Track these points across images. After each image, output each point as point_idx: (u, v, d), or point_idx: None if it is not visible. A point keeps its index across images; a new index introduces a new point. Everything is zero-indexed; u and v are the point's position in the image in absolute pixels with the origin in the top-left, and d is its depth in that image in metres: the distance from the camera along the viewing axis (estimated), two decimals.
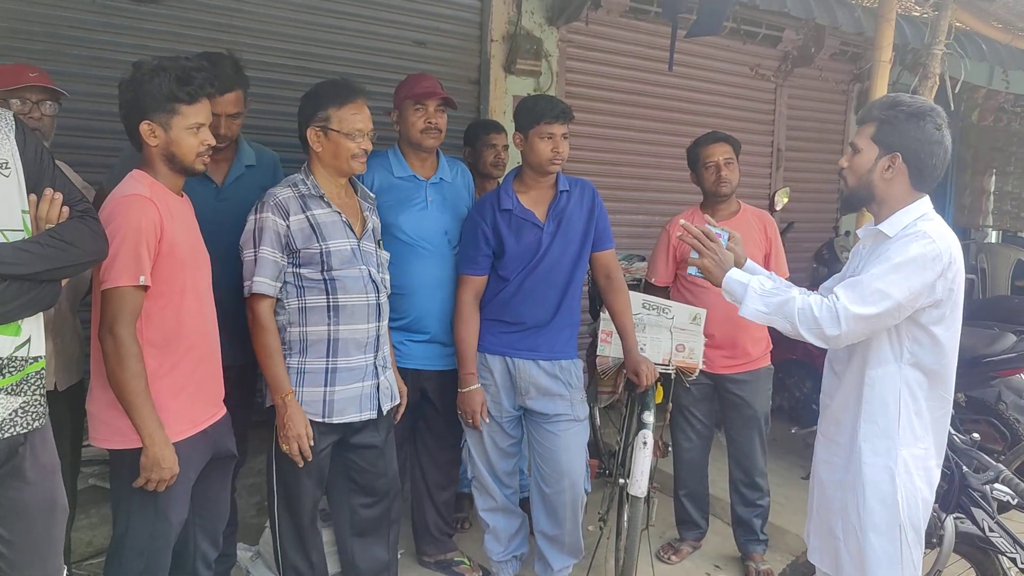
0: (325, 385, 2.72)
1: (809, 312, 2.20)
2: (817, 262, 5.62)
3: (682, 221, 2.48)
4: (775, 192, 4.91)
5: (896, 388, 2.26)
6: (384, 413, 2.87)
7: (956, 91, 3.64)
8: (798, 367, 4.95)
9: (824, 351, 4.65)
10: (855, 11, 5.27)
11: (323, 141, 2.70)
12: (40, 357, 1.99)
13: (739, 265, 2.49)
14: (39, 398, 1.99)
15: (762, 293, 2.29)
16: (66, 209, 2.04)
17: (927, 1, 3.60)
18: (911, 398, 2.27)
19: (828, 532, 2.43)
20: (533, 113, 3.00)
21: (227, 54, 2.92)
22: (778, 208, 4.97)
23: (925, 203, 2.29)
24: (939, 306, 2.21)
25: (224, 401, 2.62)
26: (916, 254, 2.15)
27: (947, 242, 2.20)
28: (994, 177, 7.74)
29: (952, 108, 4.41)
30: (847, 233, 5.66)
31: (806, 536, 2.62)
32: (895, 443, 2.27)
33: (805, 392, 4.97)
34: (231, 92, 2.85)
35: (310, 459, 2.70)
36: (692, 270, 2.49)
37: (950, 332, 2.26)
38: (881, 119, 2.27)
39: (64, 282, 2.11)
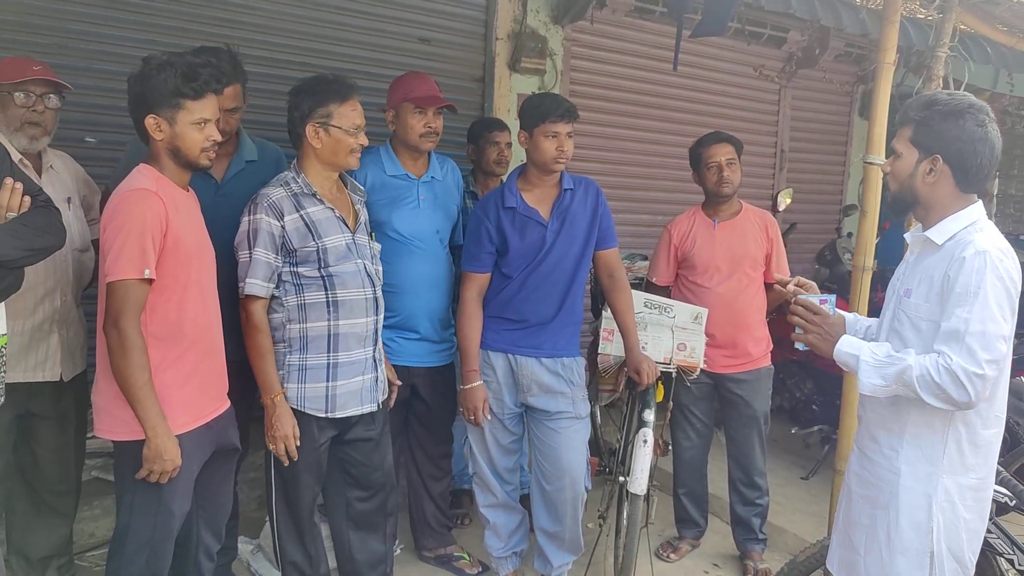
0: (327, 380, 2.74)
1: (929, 379, 2.02)
2: (819, 263, 5.62)
3: (790, 287, 2.40)
4: (778, 193, 4.92)
5: (947, 416, 2.14)
6: (380, 406, 2.89)
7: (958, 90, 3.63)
8: (799, 368, 4.96)
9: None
10: (860, 13, 5.26)
11: (323, 137, 2.70)
12: (3, 334, 2.12)
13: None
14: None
15: (876, 365, 2.11)
16: (27, 198, 2.14)
17: (932, 3, 3.59)
18: (965, 427, 2.15)
19: (849, 544, 2.37)
20: (539, 111, 3.01)
21: (225, 48, 2.93)
22: (781, 209, 4.97)
23: (976, 209, 2.19)
24: None
25: (228, 394, 2.63)
26: (995, 279, 2.03)
27: (1010, 253, 2.09)
28: (997, 180, 7.74)
29: None
30: (849, 234, 5.66)
31: (832, 545, 2.53)
32: (938, 470, 2.16)
33: (805, 393, 4.98)
34: (229, 87, 2.86)
35: (296, 459, 2.71)
36: (800, 345, 2.34)
37: (1008, 347, 2.10)
38: (917, 120, 2.17)
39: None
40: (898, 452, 2.22)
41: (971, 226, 2.14)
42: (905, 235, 2.42)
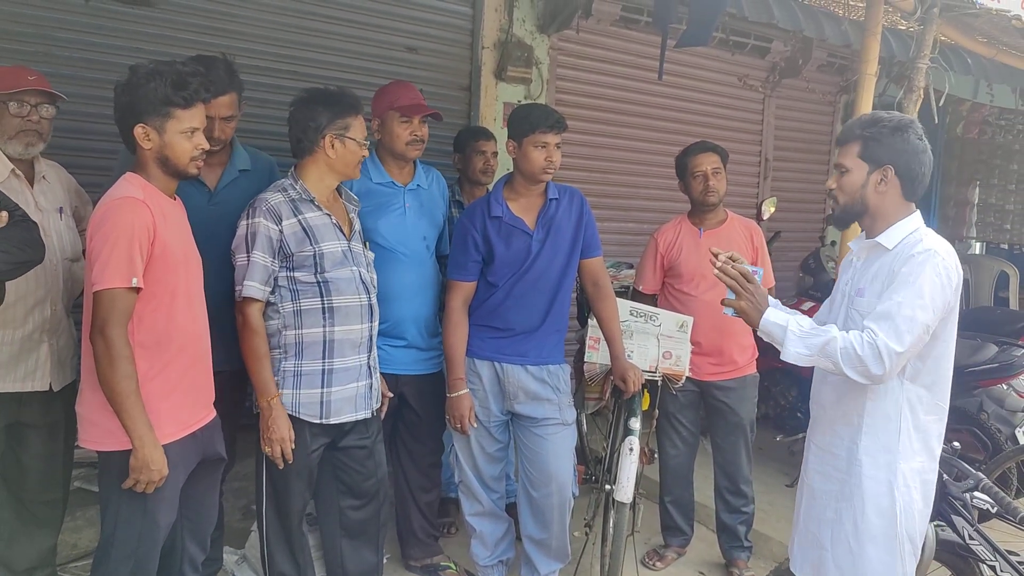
0: (322, 386, 2.75)
1: (852, 351, 2.17)
2: (803, 271, 5.67)
3: (722, 256, 2.40)
4: (762, 202, 4.96)
5: (898, 403, 2.29)
6: (374, 414, 2.90)
7: (940, 104, 3.69)
8: (783, 375, 4.99)
9: None
10: (842, 24, 5.32)
11: (339, 148, 2.74)
12: None
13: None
14: None
15: (802, 335, 2.24)
16: (4, 214, 2.18)
17: (913, 15, 3.65)
18: (911, 412, 2.30)
19: (814, 542, 2.45)
20: (528, 122, 3.03)
21: (221, 57, 2.94)
22: (765, 217, 5.01)
23: (917, 217, 2.36)
24: (943, 323, 2.25)
25: (215, 404, 2.63)
26: (933, 275, 2.18)
27: (952, 255, 2.25)
28: (978, 189, 7.82)
29: (936, 121, 4.46)
30: (833, 243, 5.72)
31: (790, 545, 2.63)
32: (896, 457, 2.29)
33: (790, 400, 5.01)
34: (225, 95, 2.87)
35: (291, 462, 2.72)
36: (728, 311, 2.41)
37: (949, 343, 2.31)
38: (865, 136, 2.32)
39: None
40: (857, 444, 2.35)
41: (916, 231, 2.32)
42: (850, 243, 2.57)
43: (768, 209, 4.89)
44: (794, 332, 2.24)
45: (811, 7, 5.16)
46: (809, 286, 5.44)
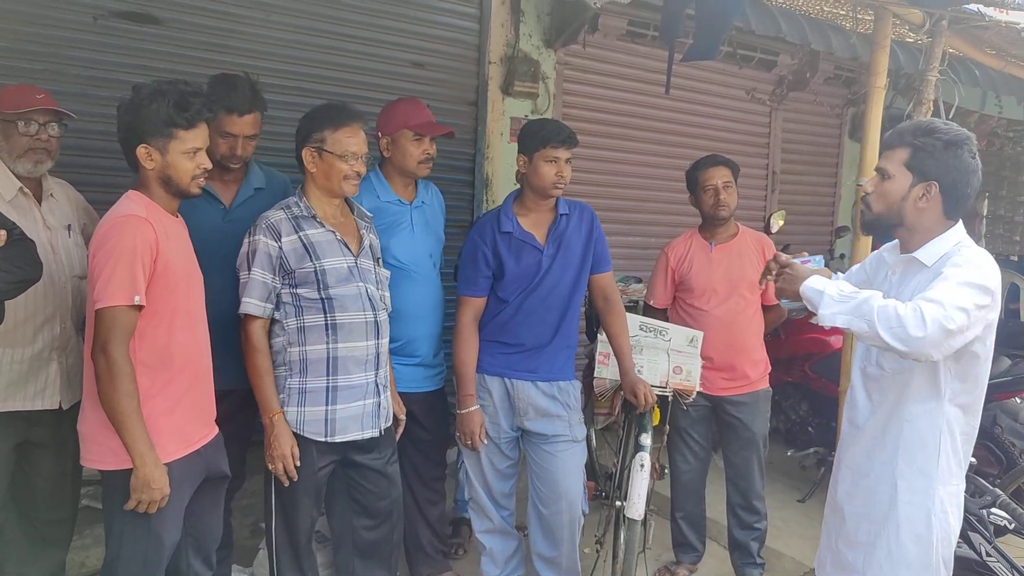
0: (326, 404, 2.73)
1: (892, 311, 2.01)
2: None
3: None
4: (771, 215, 4.93)
5: (937, 426, 2.21)
6: (382, 432, 2.87)
7: (950, 116, 3.68)
8: (794, 390, 4.96)
9: (819, 375, 4.65)
10: (850, 37, 5.31)
11: (317, 161, 2.73)
12: None
13: None
14: None
15: (839, 298, 2.12)
16: (3, 232, 2.20)
17: (922, 28, 3.64)
18: (950, 436, 2.22)
19: (845, 565, 2.38)
20: (539, 136, 3.02)
21: (244, 76, 2.96)
22: (774, 231, 4.97)
23: (960, 229, 2.24)
24: (982, 340, 2.16)
25: (227, 423, 2.62)
26: (976, 277, 2.07)
27: (996, 273, 2.14)
28: (987, 201, 7.79)
29: None
30: (842, 256, 5.68)
31: (819, 566, 2.56)
32: (933, 482, 2.21)
33: (801, 415, 4.97)
34: (250, 114, 2.91)
35: (296, 480, 2.70)
36: (784, 302, 2.41)
37: (985, 366, 2.22)
38: (916, 146, 2.19)
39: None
40: (894, 466, 2.26)
41: (958, 245, 2.20)
42: (883, 252, 2.45)
43: (776, 222, 4.86)
44: (831, 296, 2.13)
45: (818, 20, 5.15)
46: None
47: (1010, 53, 4.23)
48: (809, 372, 4.75)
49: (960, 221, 2.26)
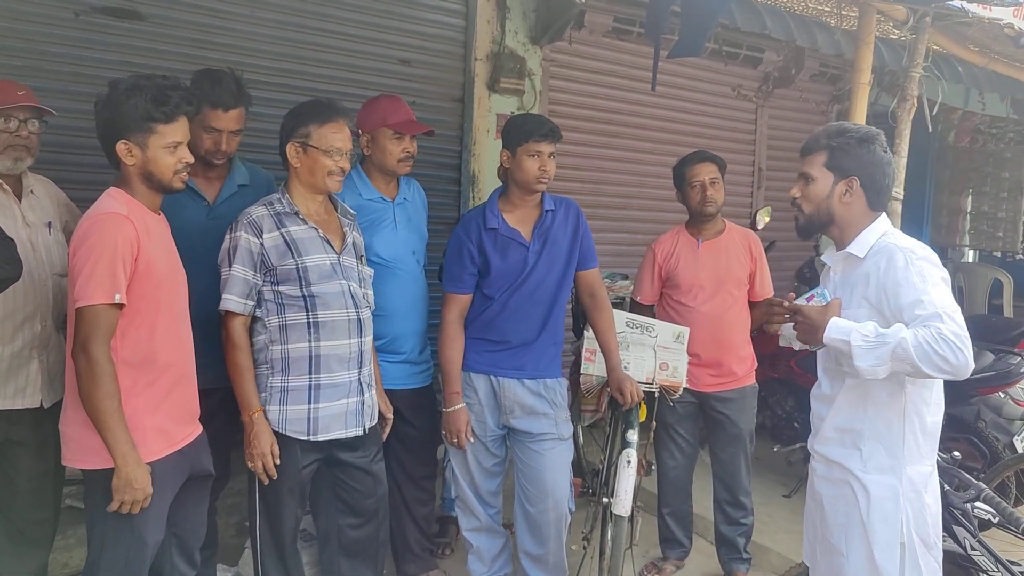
0: (309, 403, 2.71)
1: (926, 346, 2.06)
2: (799, 280, 5.64)
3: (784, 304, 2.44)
4: (757, 211, 4.93)
5: (900, 405, 2.28)
6: (367, 431, 2.85)
7: (934, 113, 3.70)
8: (780, 385, 4.96)
9: (804, 370, 4.66)
10: (834, 34, 5.33)
11: (301, 157, 2.71)
12: None
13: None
14: None
15: (868, 347, 2.14)
16: None
17: (905, 24, 3.65)
18: (916, 415, 2.28)
19: (833, 550, 2.43)
20: (522, 131, 3.01)
21: (229, 71, 2.94)
22: (760, 227, 4.97)
23: (885, 220, 2.38)
24: None
25: (211, 421, 2.60)
26: (930, 269, 2.19)
27: (927, 250, 2.27)
28: (970, 197, 7.84)
29: (931, 129, 4.47)
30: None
31: (808, 557, 2.61)
32: (900, 462, 2.28)
33: (787, 410, 4.98)
34: (235, 109, 2.89)
35: (276, 478, 2.68)
36: (795, 344, 2.44)
37: None
38: (832, 147, 2.35)
39: None
40: (860, 449, 2.33)
41: (885, 235, 2.33)
42: (822, 257, 2.59)
43: (763, 219, 4.86)
44: (860, 347, 2.16)
45: (803, 17, 5.17)
46: (804, 295, 5.41)
47: (993, 49, 4.25)
48: (795, 367, 4.76)
49: (884, 212, 2.40)
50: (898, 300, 2.18)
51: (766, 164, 6.84)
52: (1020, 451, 3.93)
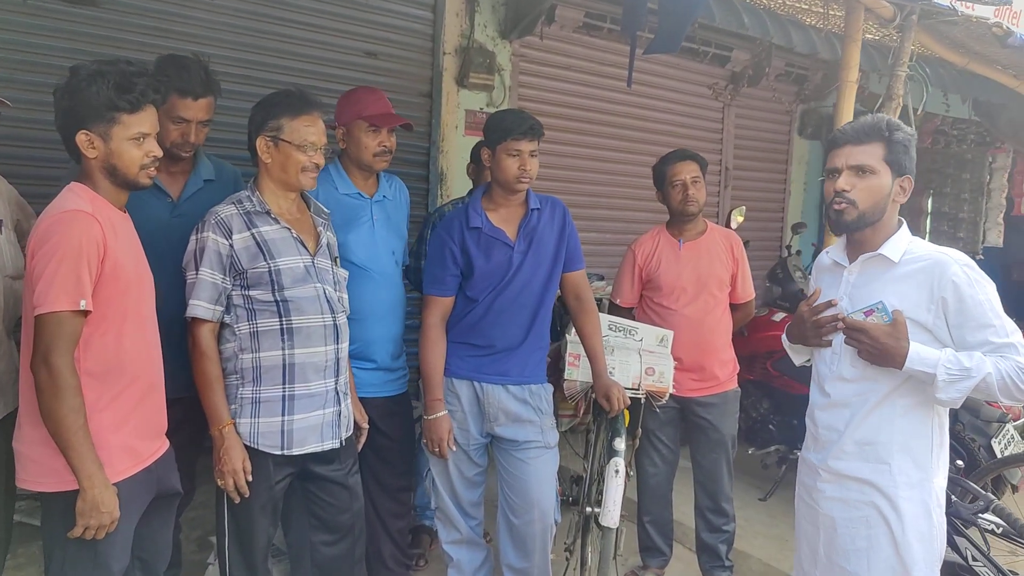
0: (283, 414, 2.54)
1: (1009, 381, 2.02)
2: (770, 281, 5.59)
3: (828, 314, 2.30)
4: (731, 211, 4.88)
5: (929, 416, 2.17)
6: (343, 443, 2.69)
7: (920, 112, 3.66)
8: (755, 387, 4.91)
9: (781, 373, 4.60)
10: (809, 32, 5.30)
11: (272, 151, 2.54)
12: None
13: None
14: None
15: (951, 380, 2.05)
16: None
17: (891, 22, 3.60)
18: (940, 428, 2.19)
19: (844, 574, 2.27)
20: (501, 128, 2.88)
21: (195, 58, 2.76)
22: (733, 227, 4.92)
23: (907, 226, 2.25)
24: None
25: (176, 432, 2.42)
26: (990, 286, 2.10)
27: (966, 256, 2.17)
28: (931, 198, 7.91)
29: (913, 130, 4.41)
30: (799, 252, 5.66)
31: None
32: (928, 475, 2.16)
33: (762, 412, 4.93)
34: (204, 98, 2.72)
35: (248, 496, 2.51)
36: (799, 361, 2.40)
37: None
38: (893, 141, 2.16)
39: None
40: (890, 464, 2.17)
41: (912, 241, 2.20)
42: (827, 254, 2.41)
43: (736, 218, 4.81)
44: (944, 380, 2.05)
45: (778, 15, 5.12)
46: (777, 296, 5.37)
47: (972, 49, 4.24)
48: (771, 370, 4.71)
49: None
50: (962, 316, 2.08)
51: (732, 164, 6.80)
52: (999, 454, 3.91)
